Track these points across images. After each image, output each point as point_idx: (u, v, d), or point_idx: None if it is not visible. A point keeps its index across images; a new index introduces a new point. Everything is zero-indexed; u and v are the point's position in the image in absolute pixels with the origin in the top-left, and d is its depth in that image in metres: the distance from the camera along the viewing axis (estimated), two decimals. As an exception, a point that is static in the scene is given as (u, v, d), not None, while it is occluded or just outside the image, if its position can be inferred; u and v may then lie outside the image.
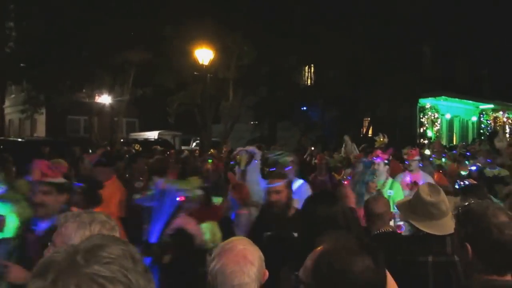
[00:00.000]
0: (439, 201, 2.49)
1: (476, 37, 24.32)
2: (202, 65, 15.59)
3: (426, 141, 20.24)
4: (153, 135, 20.05)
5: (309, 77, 24.27)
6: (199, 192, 3.81)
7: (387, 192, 4.67)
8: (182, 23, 16.05)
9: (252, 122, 22.16)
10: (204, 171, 6.76)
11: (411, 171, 5.54)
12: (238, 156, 5.01)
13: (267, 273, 1.66)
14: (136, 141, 18.55)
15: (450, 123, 25.64)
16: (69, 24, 15.52)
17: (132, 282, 0.83)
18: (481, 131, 26.62)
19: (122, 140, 18.55)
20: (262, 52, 17.60)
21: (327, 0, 19.55)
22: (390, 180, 5.00)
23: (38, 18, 15.91)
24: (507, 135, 23.22)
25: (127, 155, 10.28)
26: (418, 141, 20.47)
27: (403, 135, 19.07)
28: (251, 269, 1.59)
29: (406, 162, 5.99)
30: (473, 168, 7.42)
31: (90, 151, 12.85)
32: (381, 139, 8.06)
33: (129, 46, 16.08)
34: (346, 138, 9.09)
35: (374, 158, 5.31)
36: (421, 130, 22.89)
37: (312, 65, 23.39)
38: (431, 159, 7.14)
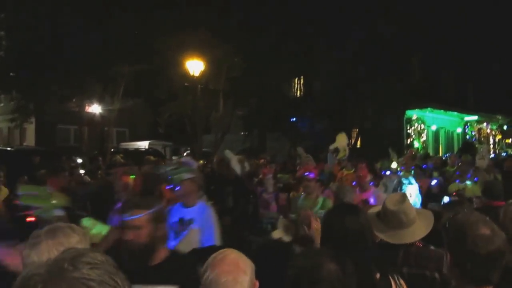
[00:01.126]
0: (402, 210, 2.44)
1: (461, 51, 25.04)
2: (193, 76, 15.77)
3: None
4: (143, 145, 20.03)
5: (298, 89, 24.59)
6: (58, 212, 3.14)
7: (318, 212, 4.06)
8: (173, 35, 16.21)
9: (242, 133, 22.33)
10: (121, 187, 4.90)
11: (363, 190, 4.99)
12: None
13: (257, 283, 1.66)
14: (126, 151, 18.56)
15: (436, 134, 26.03)
16: (60, 34, 15.54)
17: (119, 284, 0.85)
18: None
19: (112, 150, 18.53)
20: (252, 64, 17.86)
21: (316, 14, 19.99)
22: (321, 198, 4.53)
23: (29, 27, 15.92)
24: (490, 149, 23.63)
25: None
26: (405, 152, 20.81)
27: (391, 146, 19.40)
28: (244, 278, 1.59)
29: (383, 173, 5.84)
30: (434, 182, 6.91)
31: (81, 160, 12.91)
32: (343, 152, 7.83)
33: (120, 57, 16.18)
34: (300, 150, 8.63)
35: (307, 173, 4.92)
36: (408, 141, 23.25)
37: (301, 77, 23.76)
38: (399, 172, 6.51)
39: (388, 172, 6.68)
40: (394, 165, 6.92)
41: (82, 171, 9.00)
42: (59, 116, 20.65)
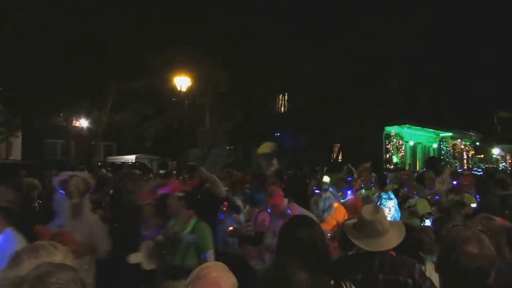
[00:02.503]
0: (377, 220, 2.54)
1: (437, 71, 26.10)
2: (180, 91, 16.05)
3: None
4: (130, 158, 20.23)
5: (282, 105, 25.14)
6: None
7: (185, 236, 3.70)
8: (161, 52, 16.57)
9: (227, 147, 22.64)
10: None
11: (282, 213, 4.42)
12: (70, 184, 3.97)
13: None
14: (113, 164, 18.73)
15: (414, 150, 26.74)
16: (48, 49, 15.53)
17: None
18: (442, 157, 27.96)
19: (99, 164, 18.66)
20: (238, 80, 18.34)
21: (300, 33, 20.72)
22: (193, 220, 3.84)
23: (17, 42, 15.87)
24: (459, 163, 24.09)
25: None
26: (384, 166, 21.42)
27: (371, 161, 19.98)
28: None
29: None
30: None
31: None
32: (273, 167, 7.42)
33: (108, 73, 16.41)
34: (173, 164, 7.42)
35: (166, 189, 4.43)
36: (387, 155, 23.85)
37: (285, 93, 24.36)
38: (331, 189, 5.93)
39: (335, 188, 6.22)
40: (326, 179, 6.48)
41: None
42: (46, 130, 20.58)
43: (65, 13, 14.94)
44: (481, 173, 15.20)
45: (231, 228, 4.81)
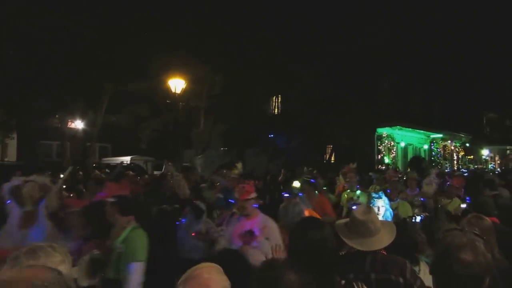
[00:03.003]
0: (369, 220, 2.57)
1: (428, 73, 26.52)
2: (175, 93, 16.16)
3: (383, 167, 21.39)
4: (125, 160, 20.33)
5: (276, 107, 25.38)
6: None
7: (117, 245, 3.44)
8: (157, 54, 16.73)
9: (222, 148, 22.82)
10: None
11: (246, 215, 4.07)
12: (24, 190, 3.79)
13: None
14: (108, 166, 18.84)
15: (405, 151, 26.99)
16: (44, 51, 15.56)
17: None
18: (432, 158, 28.34)
19: (94, 165, 18.74)
20: (232, 82, 18.55)
21: (292, 36, 21.00)
22: (129, 228, 3.49)
23: (12, 43, 15.85)
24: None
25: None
26: (376, 167, 21.69)
27: (363, 161, 20.31)
28: None
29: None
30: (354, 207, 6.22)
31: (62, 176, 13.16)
32: (237, 167, 7.33)
33: (104, 75, 16.54)
34: (168, 165, 6.75)
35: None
36: (379, 156, 24.12)
37: (279, 95, 24.60)
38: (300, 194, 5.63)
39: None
40: (296, 184, 6.25)
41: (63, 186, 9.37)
42: (42, 132, 20.61)
43: (61, 15, 15.02)
44: (467, 174, 15.43)
45: (193, 233, 4.59)
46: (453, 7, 29.11)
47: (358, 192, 7.15)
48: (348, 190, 7.44)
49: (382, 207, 4.83)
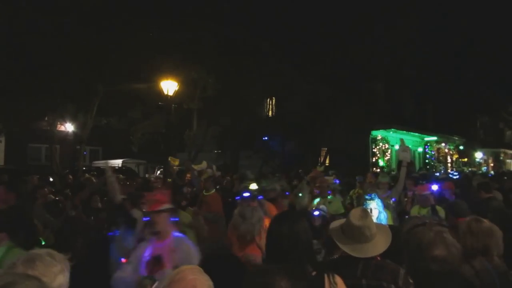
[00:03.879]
0: (365, 225, 2.52)
1: (422, 76, 26.54)
2: (167, 95, 15.92)
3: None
4: (117, 163, 20.03)
5: (270, 109, 25.23)
6: None
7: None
8: (148, 55, 16.47)
9: (215, 151, 22.62)
10: None
11: (156, 234, 3.24)
12: None
13: None
14: (99, 169, 18.50)
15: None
16: (33, 53, 15.32)
17: None
18: (426, 161, 28.35)
19: (84, 169, 18.41)
20: (225, 84, 18.34)
21: (288, 38, 20.88)
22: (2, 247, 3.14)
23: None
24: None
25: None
26: (371, 170, 21.58)
27: (358, 164, 20.20)
28: None
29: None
30: (316, 212, 5.76)
31: (52, 179, 12.87)
32: (206, 174, 7.15)
33: (95, 77, 16.24)
34: (107, 169, 5.49)
35: None
36: (374, 159, 24.05)
37: (273, 97, 24.46)
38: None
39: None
40: (253, 186, 5.86)
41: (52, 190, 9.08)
42: (30, 135, 20.26)
43: (50, 17, 14.75)
44: (458, 176, 15.25)
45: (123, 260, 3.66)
46: (447, 9, 29.20)
47: (329, 197, 6.67)
48: (318, 198, 6.63)
49: (375, 209, 4.63)
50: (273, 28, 20.92)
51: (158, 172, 20.60)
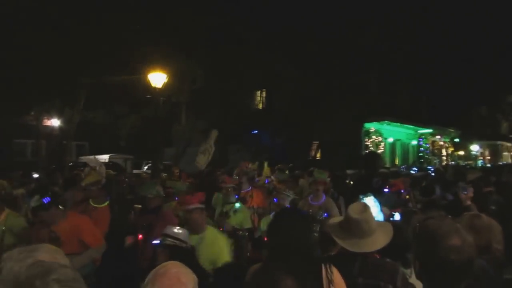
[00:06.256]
0: (365, 219, 2.46)
1: (415, 68, 26.27)
2: (155, 88, 15.64)
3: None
4: (104, 158, 19.70)
5: (260, 102, 24.91)
6: None
7: None
8: (136, 47, 16.15)
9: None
10: None
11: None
12: None
13: None
14: (85, 165, 18.19)
15: (393, 146, 26.80)
16: (16, 45, 15.07)
17: None
18: (421, 154, 28.10)
19: (70, 164, 18.13)
20: (215, 76, 18.03)
21: (280, 30, 20.57)
22: None
23: None
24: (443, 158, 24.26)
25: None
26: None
27: (350, 157, 19.94)
28: None
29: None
30: None
31: (37, 175, 12.59)
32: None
33: (80, 69, 15.94)
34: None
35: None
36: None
37: (263, 90, 24.12)
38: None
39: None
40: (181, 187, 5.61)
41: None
42: (15, 130, 19.99)
43: (34, 9, 14.44)
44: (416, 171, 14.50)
45: None
46: (443, 2, 28.83)
47: (237, 205, 5.39)
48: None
49: (372, 207, 4.34)
50: (264, 19, 20.62)
51: (146, 167, 20.28)
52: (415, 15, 23.71)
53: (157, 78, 15.51)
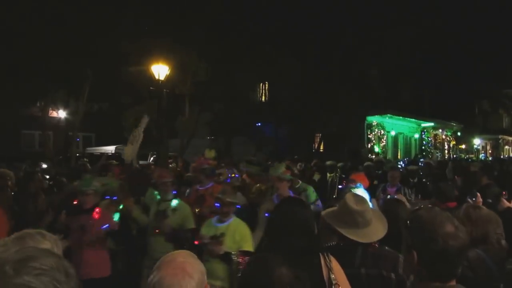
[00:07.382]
0: (364, 210, 2.47)
1: (418, 60, 26.25)
2: (158, 80, 15.76)
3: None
4: (109, 149, 19.95)
5: (263, 94, 25.02)
6: None
7: None
8: (139, 39, 16.27)
9: (208, 137, 22.52)
10: None
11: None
12: None
13: (208, 287, 1.63)
14: (91, 155, 18.46)
15: (395, 140, 26.82)
16: (22, 37, 15.09)
17: None
18: (423, 147, 28.15)
19: (77, 155, 18.38)
20: (218, 68, 18.14)
21: (283, 22, 20.62)
22: None
23: None
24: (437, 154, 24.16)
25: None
26: (367, 157, 21.42)
27: (353, 150, 20.09)
28: (189, 282, 1.54)
29: None
30: None
31: (45, 165, 12.86)
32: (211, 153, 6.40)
33: (85, 61, 16.08)
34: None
35: None
36: (369, 146, 23.88)
37: (266, 82, 24.22)
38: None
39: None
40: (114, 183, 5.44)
41: (47, 176, 9.06)
42: (24, 121, 20.22)
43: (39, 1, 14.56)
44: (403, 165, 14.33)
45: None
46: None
47: (175, 202, 4.82)
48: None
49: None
50: (267, 12, 20.67)
51: (151, 158, 20.50)
52: (417, 8, 23.74)
53: (160, 70, 15.68)
